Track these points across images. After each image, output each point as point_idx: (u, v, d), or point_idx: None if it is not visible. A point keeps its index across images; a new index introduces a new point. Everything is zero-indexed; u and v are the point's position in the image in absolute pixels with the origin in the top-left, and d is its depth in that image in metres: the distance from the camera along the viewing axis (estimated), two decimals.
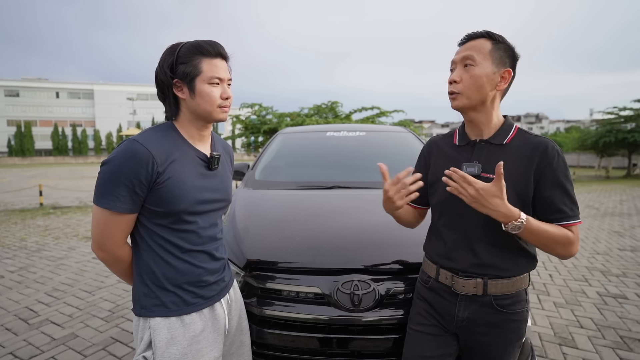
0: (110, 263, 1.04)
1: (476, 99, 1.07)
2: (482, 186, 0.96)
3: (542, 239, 1.00)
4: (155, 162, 0.95)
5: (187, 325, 1.04)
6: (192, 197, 1.02)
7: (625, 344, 2.51)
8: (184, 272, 1.04)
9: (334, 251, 1.47)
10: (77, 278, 3.82)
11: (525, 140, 1.08)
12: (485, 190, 0.96)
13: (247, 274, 1.44)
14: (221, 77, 1.03)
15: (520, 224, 0.97)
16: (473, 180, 0.97)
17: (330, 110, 14.00)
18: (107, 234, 0.98)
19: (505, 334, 1.10)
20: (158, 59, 1.04)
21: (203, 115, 1.04)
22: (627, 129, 19.21)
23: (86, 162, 44.03)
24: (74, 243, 5.32)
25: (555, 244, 1.01)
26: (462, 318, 1.12)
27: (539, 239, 1.01)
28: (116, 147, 0.98)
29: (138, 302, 1.04)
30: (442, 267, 1.15)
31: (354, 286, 1.33)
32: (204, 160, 1.08)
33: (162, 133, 1.03)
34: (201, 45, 1.01)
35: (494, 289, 1.08)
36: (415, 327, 1.20)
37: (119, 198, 0.94)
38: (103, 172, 0.96)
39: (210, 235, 1.10)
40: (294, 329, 1.35)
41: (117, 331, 2.68)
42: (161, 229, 1.02)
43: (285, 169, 2.68)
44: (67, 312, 3.00)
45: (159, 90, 1.06)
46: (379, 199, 2.08)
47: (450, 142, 1.21)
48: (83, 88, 58.79)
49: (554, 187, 1.03)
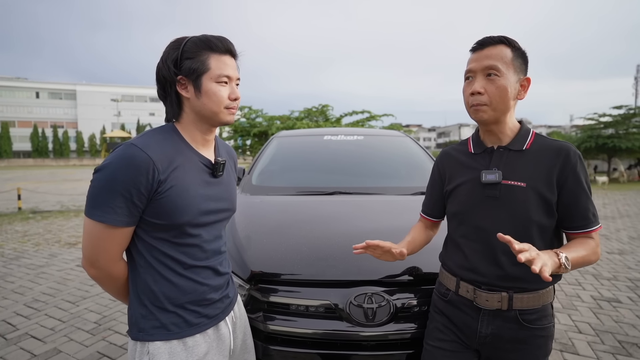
0: (104, 281, 0.94)
1: (502, 110, 1.03)
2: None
3: (579, 265, 0.98)
4: (156, 169, 0.85)
5: (190, 349, 0.94)
6: (196, 207, 0.92)
7: (624, 349, 2.51)
8: (186, 290, 0.95)
9: (344, 261, 1.39)
10: (59, 287, 3.62)
11: (546, 145, 1.05)
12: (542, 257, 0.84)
13: (252, 287, 1.35)
14: (230, 75, 0.94)
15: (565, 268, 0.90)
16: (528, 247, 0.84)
17: (320, 113, 13.98)
18: (101, 249, 0.88)
19: (531, 350, 1.05)
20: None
21: (208, 116, 0.95)
22: (607, 135, 19.84)
23: (68, 165, 42.74)
24: (55, 250, 5.08)
25: (587, 263, 1.00)
26: (486, 334, 1.06)
27: (578, 267, 0.99)
28: (111, 152, 0.88)
29: (135, 324, 0.94)
30: (463, 279, 1.10)
31: (367, 299, 1.26)
32: (208, 166, 0.98)
33: (163, 136, 0.93)
34: (210, 39, 0.92)
35: (519, 303, 1.03)
36: (433, 342, 1.14)
37: (115, 210, 0.83)
38: (97, 181, 0.85)
39: (215, 249, 1.01)
40: (302, 346, 1.27)
41: (104, 345, 2.53)
42: (162, 243, 0.92)
43: (283, 174, 2.59)
44: (48, 325, 2.82)
45: (160, 88, 0.96)
46: (382, 204, 2.06)
47: (464, 151, 1.17)
48: (65, 88, 57.23)
49: (578, 193, 1.01)
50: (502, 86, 1.00)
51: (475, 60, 1.03)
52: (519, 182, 1.02)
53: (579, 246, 0.99)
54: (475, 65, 1.03)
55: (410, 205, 2.00)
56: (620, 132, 19.53)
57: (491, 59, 1.00)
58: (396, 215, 1.89)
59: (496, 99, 1.01)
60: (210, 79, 0.92)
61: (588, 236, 1.02)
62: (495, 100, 1.01)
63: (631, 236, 6.06)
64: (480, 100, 1.02)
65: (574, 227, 1.03)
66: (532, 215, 1.01)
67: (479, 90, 1.01)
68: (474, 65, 1.03)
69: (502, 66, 1.00)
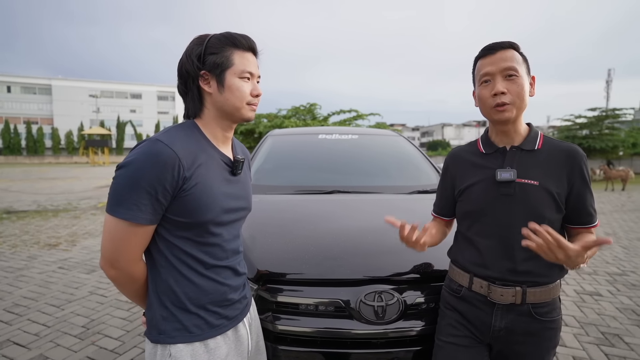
0: (123, 283, 0.91)
1: (522, 108, 1.08)
2: (574, 252, 0.89)
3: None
4: (182, 166, 0.84)
5: (211, 351, 0.92)
6: (219, 205, 0.91)
7: (607, 340, 2.63)
8: (208, 290, 0.93)
9: (352, 260, 1.39)
10: (41, 291, 3.48)
11: (555, 146, 1.12)
12: (576, 255, 0.90)
13: (260, 287, 1.33)
14: (252, 72, 0.94)
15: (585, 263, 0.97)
16: (566, 245, 0.89)
17: (308, 112, 13.95)
18: (123, 249, 0.85)
19: (542, 342, 1.09)
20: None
21: (230, 112, 0.94)
22: (582, 135, 20.70)
23: (43, 163, 41.08)
24: (34, 251, 4.88)
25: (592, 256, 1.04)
26: (499, 328, 1.09)
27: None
28: (134, 148, 0.86)
29: (155, 326, 0.91)
30: (477, 275, 1.12)
31: (377, 297, 1.27)
32: (228, 164, 0.98)
33: (185, 132, 0.91)
34: (234, 36, 0.92)
35: (532, 297, 1.06)
36: (447, 338, 1.16)
37: (140, 207, 0.81)
38: (121, 177, 0.83)
39: (234, 249, 1.00)
40: (312, 345, 1.26)
41: (93, 350, 2.44)
42: (184, 242, 0.90)
43: (280, 173, 2.57)
44: (32, 330, 2.70)
45: (181, 83, 0.95)
46: (382, 203, 2.08)
47: (475, 151, 1.20)
48: (39, 83, 54.89)
49: (585, 191, 1.09)
50: (522, 85, 1.06)
51: (491, 64, 1.08)
52: (532, 180, 1.06)
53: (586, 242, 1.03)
54: (493, 68, 1.07)
55: (410, 204, 2.03)
56: (594, 133, 20.41)
57: (508, 61, 1.06)
58: (397, 214, 1.90)
59: (520, 97, 1.06)
60: (233, 74, 0.91)
61: (589, 231, 1.11)
62: (518, 99, 1.06)
63: (607, 232, 6.35)
64: (505, 99, 1.06)
65: (579, 222, 1.10)
66: (545, 212, 1.05)
67: (503, 91, 1.05)
68: (491, 69, 1.07)
69: (518, 67, 1.06)
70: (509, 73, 1.05)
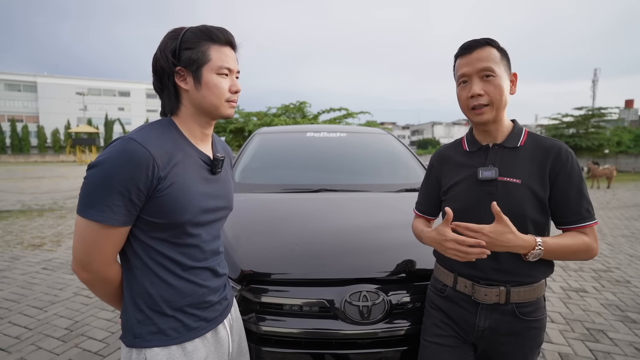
0: (96, 285, 0.88)
1: (501, 108, 1.06)
2: (489, 230, 0.96)
3: (562, 254, 1.03)
4: (156, 166, 0.81)
5: (189, 354, 0.90)
6: (197, 205, 0.88)
7: (592, 336, 2.67)
8: (186, 293, 0.90)
9: (337, 259, 1.38)
10: (24, 293, 3.39)
11: (538, 143, 1.09)
12: (494, 232, 0.95)
13: (244, 288, 1.31)
14: (231, 67, 0.91)
15: (540, 250, 0.98)
16: (479, 227, 0.96)
17: (298, 110, 13.90)
18: (95, 251, 0.82)
19: (526, 342, 1.08)
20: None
21: (208, 109, 0.91)
22: (569, 134, 21.09)
23: (28, 161, 40.14)
24: (17, 252, 4.75)
25: (575, 254, 1.03)
26: (483, 328, 1.08)
27: (560, 255, 1.03)
28: (107, 146, 0.82)
29: (130, 330, 0.88)
30: (461, 275, 1.11)
31: (362, 297, 1.25)
32: (207, 163, 0.94)
33: (161, 130, 0.88)
34: (211, 30, 0.88)
35: (516, 297, 1.06)
36: (431, 338, 1.15)
37: (112, 208, 0.78)
38: (92, 177, 0.79)
39: (213, 250, 0.97)
40: (297, 346, 1.24)
41: (77, 352, 2.39)
42: (160, 243, 0.87)
43: (267, 171, 2.55)
44: (13, 333, 2.63)
45: (157, 80, 0.91)
46: (369, 202, 2.07)
47: (459, 150, 1.19)
48: (24, 80, 53.53)
49: (569, 189, 1.04)
50: (500, 85, 1.03)
51: (467, 64, 1.05)
52: (514, 178, 1.05)
53: (565, 237, 1.03)
54: (469, 69, 1.05)
55: (397, 202, 2.02)
56: (581, 131, 20.80)
57: (484, 61, 1.03)
58: (385, 212, 1.90)
59: (496, 98, 1.04)
60: (210, 71, 0.88)
61: (581, 231, 1.04)
62: (496, 100, 1.04)
63: None
64: (482, 101, 1.04)
65: (565, 222, 1.05)
66: (527, 211, 1.04)
67: (479, 92, 1.03)
68: (468, 70, 1.05)
69: (495, 66, 1.03)
70: (485, 74, 1.03)
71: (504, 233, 0.95)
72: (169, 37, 0.89)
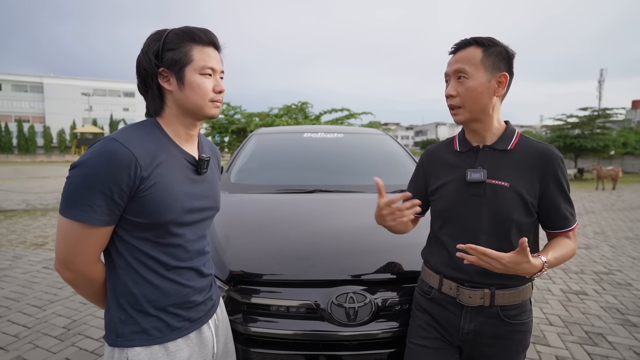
0: (79, 285, 0.89)
1: (477, 110, 1.05)
2: (509, 260, 0.91)
3: (557, 264, 1.04)
4: (138, 166, 0.81)
5: (172, 354, 0.90)
6: (180, 205, 0.89)
7: (591, 339, 2.64)
8: (169, 292, 0.90)
9: (325, 260, 1.37)
10: (24, 291, 3.42)
11: (530, 147, 1.08)
12: (513, 262, 0.91)
13: (231, 288, 1.31)
14: (214, 67, 0.91)
15: (545, 271, 0.98)
16: (498, 255, 0.91)
17: (300, 111, 13.91)
18: (77, 250, 0.83)
19: (511, 345, 1.08)
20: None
21: (192, 110, 0.91)
22: (574, 135, 20.87)
23: (34, 161, 40.51)
24: (20, 251, 4.80)
25: (564, 260, 1.05)
26: (468, 330, 1.07)
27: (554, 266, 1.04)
28: (89, 147, 0.83)
29: (113, 330, 0.89)
30: (446, 277, 1.11)
31: (349, 298, 1.25)
32: (192, 163, 0.95)
33: (145, 131, 0.89)
34: (192, 31, 0.89)
35: (501, 300, 1.05)
36: (417, 340, 1.14)
37: (94, 208, 0.79)
38: (74, 177, 0.80)
39: (198, 249, 0.97)
40: (284, 347, 1.24)
41: (73, 351, 2.41)
42: (143, 243, 0.87)
43: (263, 172, 2.55)
44: (12, 331, 2.66)
45: (141, 81, 0.92)
46: (362, 203, 2.06)
47: (450, 149, 1.18)
48: (31, 80, 54.16)
49: (559, 195, 1.05)
50: (470, 87, 1.02)
51: (448, 65, 1.08)
52: (502, 181, 1.04)
53: (559, 247, 1.04)
54: (448, 69, 1.08)
55: None
56: (586, 132, 20.58)
57: (459, 62, 1.04)
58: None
59: (467, 100, 1.03)
60: (193, 71, 0.89)
61: (566, 235, 1.07)
62: (467, 102, 1.04)
63: (596, 231, 6.40)
64: (453, 103, 1.05)
65: (554, 227, 1.07)
66: (513, 214, 1.03)
67: (451, 93, 1.05)
68: (447, 69, 1.08)
69: (470, 68, 1.02)
70: (458, 75, 1.04)
71: (521, 263, 0.91)
72: (151, 38, 0.90)
